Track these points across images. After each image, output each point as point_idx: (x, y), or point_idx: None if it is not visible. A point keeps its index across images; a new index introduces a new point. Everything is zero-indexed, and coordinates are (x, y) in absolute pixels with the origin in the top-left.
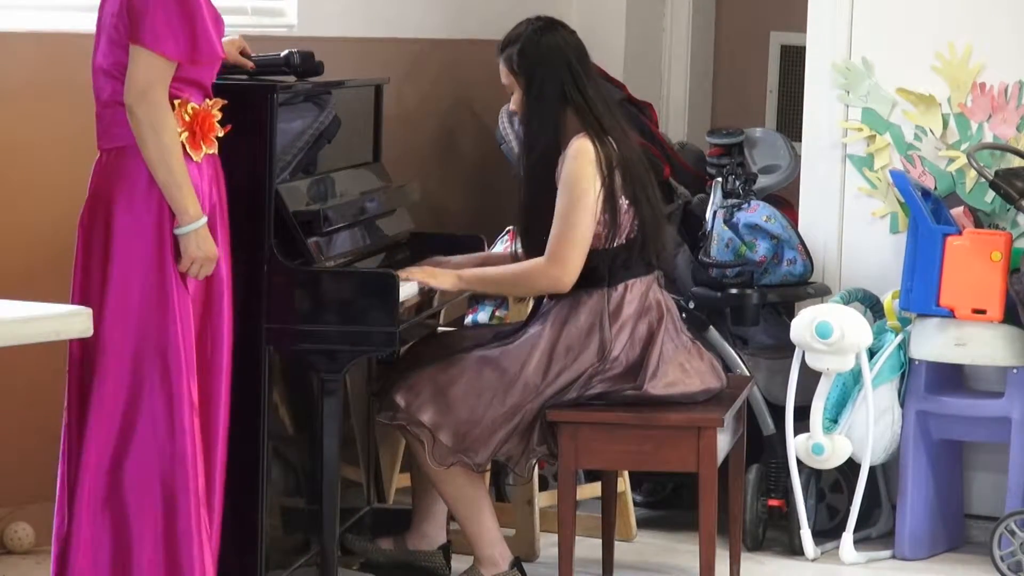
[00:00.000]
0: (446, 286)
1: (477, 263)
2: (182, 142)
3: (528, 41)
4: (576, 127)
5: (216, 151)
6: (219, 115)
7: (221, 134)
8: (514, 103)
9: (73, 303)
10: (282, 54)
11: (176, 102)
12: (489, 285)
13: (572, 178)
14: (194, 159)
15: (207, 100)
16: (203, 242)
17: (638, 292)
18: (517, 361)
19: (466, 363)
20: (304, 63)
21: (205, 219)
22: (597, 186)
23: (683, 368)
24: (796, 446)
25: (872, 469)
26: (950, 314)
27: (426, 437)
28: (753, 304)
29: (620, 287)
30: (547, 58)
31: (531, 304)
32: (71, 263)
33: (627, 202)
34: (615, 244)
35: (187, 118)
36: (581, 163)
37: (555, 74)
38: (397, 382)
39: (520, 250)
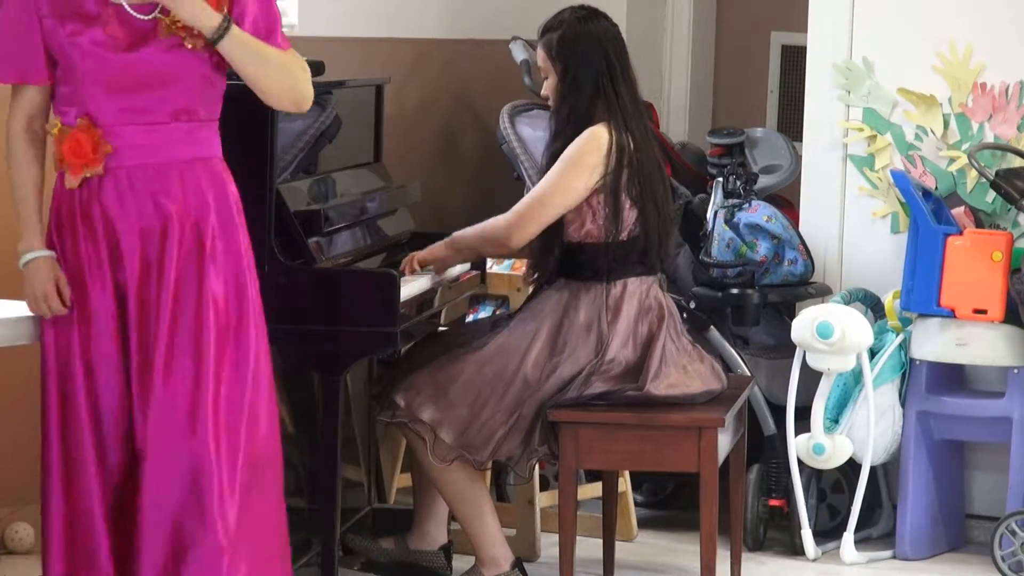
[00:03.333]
0: (439, 254)
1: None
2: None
3: (569, 29)
4: (601, 118)
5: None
6: (98, 132)
7: (109, 150)
8: (547, 88)
9: None
10: None
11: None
12: (467, 243)
13: (572, 155)
14: (67, 184)
15: (80, 119)
16: (30, 278)
17: (637, 291)
18: (515, 356)
19: (465, 361)
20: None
21: (35, 255)
22: (596, 176)
23: (684, 370)
24: (797, 446)
25: (873, 469)
26: (951, 314)
27: (427, 434)
28: (754, 304)
29: (619, 284)
30: (586, 48)
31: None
32: None
33: (630, 201)
34: (615, 240)
35: (51, 141)
36: (588, 147)
37: (592, 65)
38: (397, 382)
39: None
